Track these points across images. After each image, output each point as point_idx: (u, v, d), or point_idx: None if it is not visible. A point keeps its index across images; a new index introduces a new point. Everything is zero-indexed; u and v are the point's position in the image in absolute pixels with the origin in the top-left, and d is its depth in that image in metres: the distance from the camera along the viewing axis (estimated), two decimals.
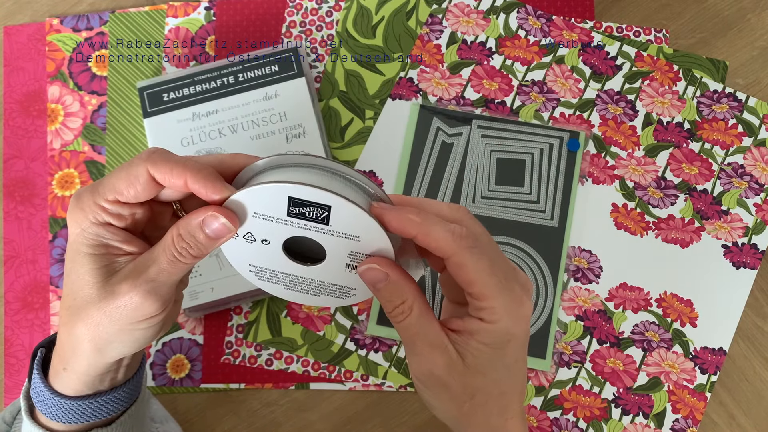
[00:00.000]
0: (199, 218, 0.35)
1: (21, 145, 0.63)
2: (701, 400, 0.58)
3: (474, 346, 0.36)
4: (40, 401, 0.40)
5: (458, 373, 0.35)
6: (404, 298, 0.36)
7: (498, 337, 0.35)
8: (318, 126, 0.61)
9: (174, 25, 0.65)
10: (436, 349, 0.36)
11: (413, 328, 0.36)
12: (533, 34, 0.64)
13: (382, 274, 0.36)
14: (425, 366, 0.36)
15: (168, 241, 0.35)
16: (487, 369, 0.36)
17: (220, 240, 0.36)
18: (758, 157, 0.62)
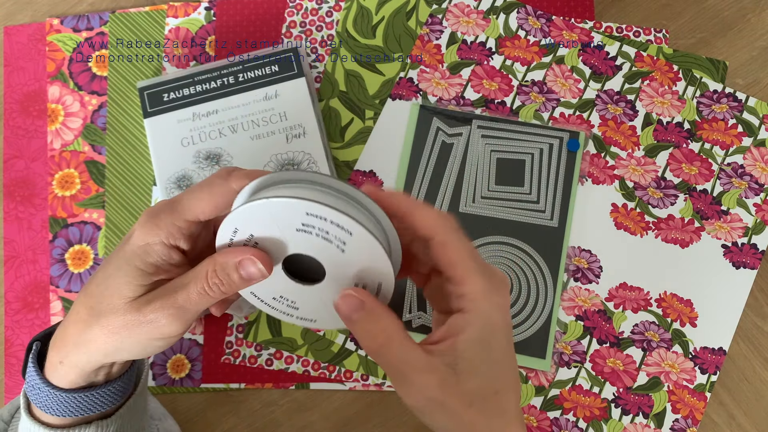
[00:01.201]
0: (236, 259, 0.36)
1: (21, 145, 0.63)
2: (701, 400, 0.58)
3: (461, 346, 0.35)
4: (35, 395, 0.40)
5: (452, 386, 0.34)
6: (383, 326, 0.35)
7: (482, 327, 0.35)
8: (318, 126, 0.61)
9: (174, 25, 0.65)
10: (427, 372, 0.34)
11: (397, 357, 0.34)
12: (533, 34, 0.64)
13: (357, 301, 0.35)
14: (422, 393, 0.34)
15: (201, 273, 0.36)
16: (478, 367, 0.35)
17: (251, 282, 0.36)
18: (758, 157, 0.62)
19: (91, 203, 0.62)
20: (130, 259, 0.37)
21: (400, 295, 0.59)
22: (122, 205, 0.62)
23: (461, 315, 0.35)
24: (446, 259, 0.35)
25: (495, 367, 0.36)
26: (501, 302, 0.36)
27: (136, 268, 0.37)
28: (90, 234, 0.61)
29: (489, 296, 0.35)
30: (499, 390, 0.36)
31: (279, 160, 0.60)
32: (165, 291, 0.37)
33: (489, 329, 0.35)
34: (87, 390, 0.40)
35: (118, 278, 0.37)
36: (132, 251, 0.37)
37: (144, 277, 0.37)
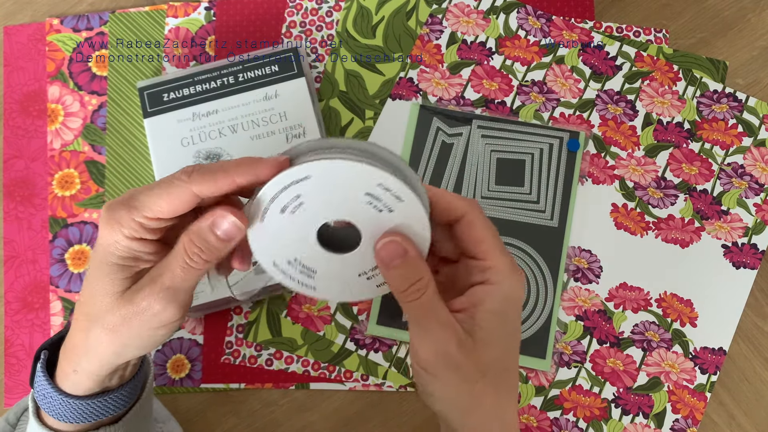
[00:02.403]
0: (207, 221, 0.35)
1: (21, 145, 0.63)
2: (701, 400, 0.58)
3: (481, 316, 0.36)
4: (47, 403, 0.40)
5: (469, 351, 0.35)
6: (422, 274, 0.36)
7: (502, 300, 0.36)
8: (318, 126, 0.61)
9: (174, 25, 0.65)
10: (448, 328, 0.35)
11: (425, 306, 0.36)
12: (533, 34, 0.64)
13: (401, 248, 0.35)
14: (439, 345, 0.35)
15: (180, 247, 0.36)
16: (494, 339, 0.36)
17: (232, 241, 0.36)
18: (758, 157, 0.62)
19: (91, 203, 0.62)
20: (104, 259, 0.36)
21: None
22: None
23: (483, 287, 0.36)
24: (473, 237, 0.36)
25: (509, 341, 0.37)
26: (520, 279, 0.37)
27: (112, 264, 0.36)
28: (90, 234, 0.61)
29: (511, 272, 0.36)
30: (509, 368, 0.37)
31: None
32: (150, 277, 0.37)
33: (509, 302, 0.36)
34: (101, 395, 0.40)
35: (99, 279, 0.37)
36: (104, 251, 0.36)
37: (123, 271, 0.37)
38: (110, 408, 0.41)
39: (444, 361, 0.35)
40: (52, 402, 0.40)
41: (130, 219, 0.35)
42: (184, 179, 0.35)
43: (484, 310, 0.36)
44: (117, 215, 0.36)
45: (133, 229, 0.36)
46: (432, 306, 0.36)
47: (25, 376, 0.59)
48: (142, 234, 0.36)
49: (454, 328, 0.35)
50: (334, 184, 0.34)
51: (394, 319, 0.58)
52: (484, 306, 0.36)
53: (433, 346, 0.35)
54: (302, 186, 0.35)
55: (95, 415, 0.41)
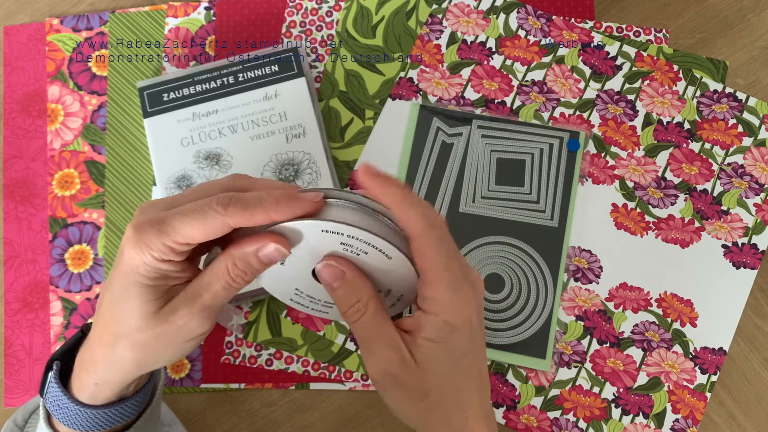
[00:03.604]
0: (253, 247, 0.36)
1: (21, 145, 0.63)
2: (701, 400, 0.58)
3: (420, 342, 0.37)
4: (61, 412, 0.40)
5: (411, 371, 0.36)
6: (359, 296, 0.37)
7: (439, 330, 0.36)
8: (318, 126, 0.61)
9: (174, 25, 0.65)
10: (391, 348, 0.37)
11: (368, 327, 0.37)
12: (533, 34, 0.64)
13: (338, 271, 0.37)
14: (381, 365, 0.36)
15: (222, 269, 0.36)
16: (434, 365, 0.36)
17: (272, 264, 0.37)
18: (758, 157, 0.62)
19: (91, 203, 0.62)
20: (133, 280, 0.36)
21: None
22: (122, 205, 0.62)
23: (425, 315, 0.37)
24: (420, 263, 0.36)
25: (454, 367, 0.37)
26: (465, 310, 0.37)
27: (142, 285, 0.36)
28: (90, 234, 0.61)
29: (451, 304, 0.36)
30: (461, 388, 0.37)
31: (279, 160, 0.60)
32: (188, 297, 0.37)
33: (447, 332, 0.36)
34: (118, 403, 0.40)
35: (129, 300, 0.37)
36: (131, 271, 0.36)
37: (153, 292, 0.37)
38: (125, 414, 0.41)
39: (389, 380, 0.37)
40: (68, 412, 0.40)
41: (160, 243, 0.35)
42: (220, 211, 0.35)
43: (424, 337, 0.36)
44: (146, 238, 0.35)
45: (162, 252, 0.35)
46: (374, 326, 0.37)
47: (25, 376, 0.59)
48: (171, 257, 0.36)
49: (398, 349, 0.36)
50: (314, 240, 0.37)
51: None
52: (423, 333, 0.37)
53: (377, 365, 0.37)
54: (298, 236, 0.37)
55: (111, 422, 0.41)
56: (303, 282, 0.40)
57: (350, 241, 0.36)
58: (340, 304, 0.37)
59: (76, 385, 0.40)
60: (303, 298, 0.42)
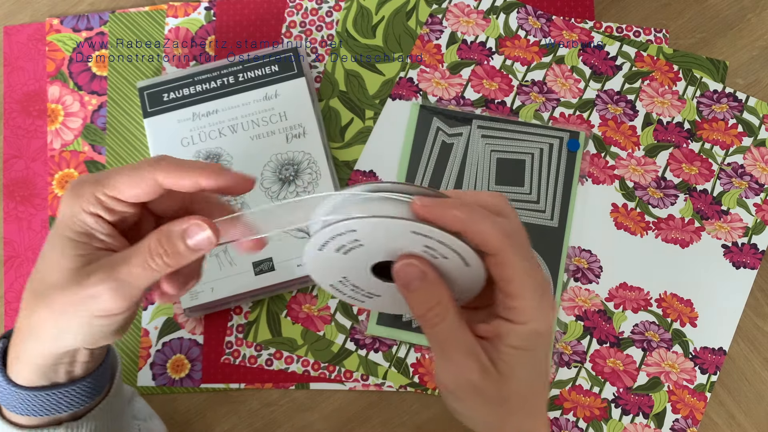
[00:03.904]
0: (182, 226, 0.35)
1: (21, 145, 0.63)
2: (701, 400, 0.58)
3: (504, 350, 0.35)
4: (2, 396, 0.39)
5: (492, 379, 0.35)
6: (439, 299, 0.35)
7: (527, 338, 0.35)
8: (318, 126, 0.61)
9: (174, 25, 0.65)
10: (470, 356, 0.35)
11: (446, 332, 0.35)
12: (533, 34, 0.64)
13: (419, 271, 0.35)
14: (460, 373, 0.35)
15: (145, 244, 0.35)
16: (518, 372, 0.35)
17: (198, 253, 0.35)
18: (758, 157, 0.62)
19: None
20: (61, 233, 0.36)
21: None
22: None
23: (509, 324, 0.35)
24: (503, 275, 0.35)
25: (533, 374, 0.36)
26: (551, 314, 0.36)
27: (67, 238, 0.36)
28: None
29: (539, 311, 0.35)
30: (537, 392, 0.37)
31: (279, 160, 0.60)
32: (106, 263, 0.36)
33: (536, 340, 0.35)
34: (48, 389, 0.39)
35: (53, 253, 0.36)
36: (60, 224, 0.36)
37: (77, 247, 0.36)
38: (63, 403, 0.39)
39: (467, 388, 0.35)
40: (3, 392, 0.39)
41: (91, 194, 0.36)
42: (152, 164, 0.35)
43: (508, 344, 0.35)
44: (81, 189, 0.36)
45: (92, 204, 0.36)
46: (452, 332, 0.35)
47: None
48: (101, 211, 0.36)
49: (477, 356, 0.35)
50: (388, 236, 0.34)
51: (394, 319, 0.58)
52: (508, 341, 0.35)
53: (455, 373, 0.35)
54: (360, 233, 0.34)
55: (47, 409, 0.39)
56: (355, 273, 0.38)
57: (435, 245, 0.34)
58: (418, 306, 0.35)
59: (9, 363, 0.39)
60: (346, 286, 0.40)
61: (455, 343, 0.35)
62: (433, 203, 0.33)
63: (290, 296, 0.60)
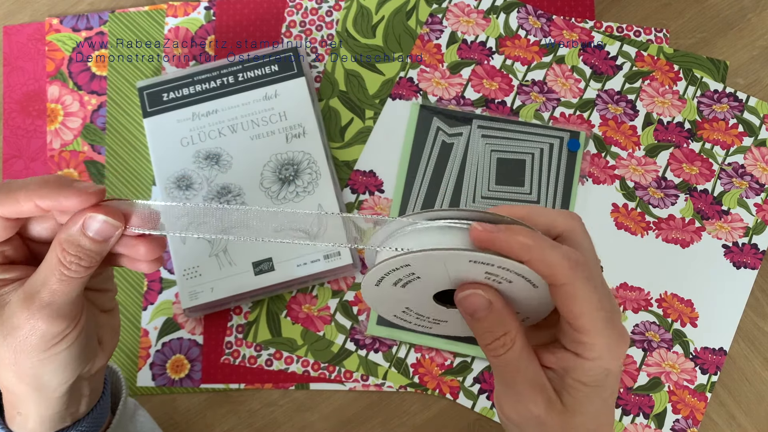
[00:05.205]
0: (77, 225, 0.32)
1: (21, 145, 0.63)
2: (702, 400, 0.58)
3: (570, 384, 0.34)
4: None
5: (557, 413, 0.33)
6: (507, 329, 0.33)
7: (596, 374, 0.33)
8: (318, 126, 0.61)
9: (174, 24, 0.65)
10: (536, 388, 0.33)
11: (513, 363, 0.33)
12: (533, 34, 0.64)
13: (485, 301, 0.33)
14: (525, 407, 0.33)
15: (53, 259, 0.32)
16: (585, 407, 0.33)
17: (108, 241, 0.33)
18: (759, 157, 0.62)
19: None
20: None
21: None
22: None
23: (577, 358, 0.33)
24: (570, 309, 0.32)
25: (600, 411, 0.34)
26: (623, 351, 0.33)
27: None
28: None
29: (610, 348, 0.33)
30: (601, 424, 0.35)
31: (279, 160, 0.60)
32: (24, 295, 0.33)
33: (603, 379, 0.33)
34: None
35: None
36: None
37: None
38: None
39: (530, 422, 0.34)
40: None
41: None
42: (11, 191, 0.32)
43: (576, 379, 0.33)
44: None
45: None
46: (519, 363, 0.33)
47: None
48: None
49: (543, 389, 0.33)
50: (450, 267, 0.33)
51: None
52: (575, 375, 0.33)
53: (520, 407, 0.34)
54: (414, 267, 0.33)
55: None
56: (417, 303, 0.37)
57: (497, 271, 0.33)
58: (484, 337, 0.33)
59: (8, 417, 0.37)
60: (410, 315, 0.39)
61: (522, 375, 0.33)
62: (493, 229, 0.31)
63: (290, 296, 0.60)
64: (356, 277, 0.60)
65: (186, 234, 0.33)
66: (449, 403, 0.58)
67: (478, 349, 0.58)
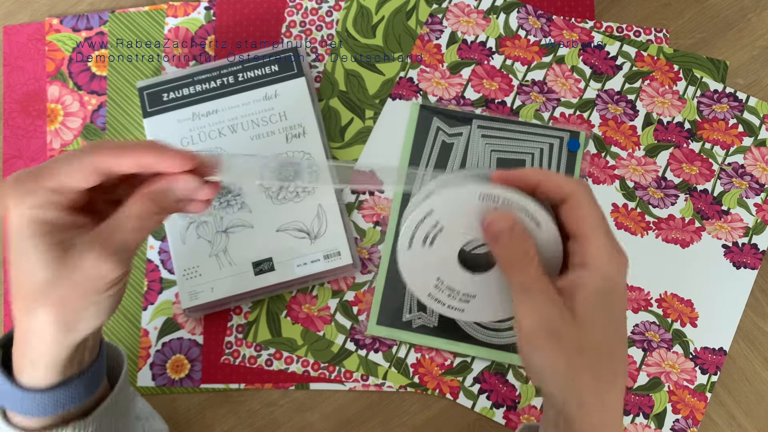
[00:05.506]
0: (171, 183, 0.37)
1: (21, 145, 0.63)
2: (701, 400, 0.58)
3: (580, 297, 0.36)
4: (9, 401, 0.39)
5: (569, 324, 0.36)
6: (527, 248, 0.37)
7: (601, 282, 0.36)
8: (318, 126, 0.61)
9: (174, 24, 0.65)
10: (552, 300, 0.36)
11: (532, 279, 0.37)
12: (533, 34, 0.64)
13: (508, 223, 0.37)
14: (541, 315, 0.36)
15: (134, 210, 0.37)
16: (594, 320, 0.36)
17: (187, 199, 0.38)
18: (758, 157, 0.62)
19: None
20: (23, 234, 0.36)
21: (400, 296, 0.59)
22: None
23: (583, 270, 0.36)
24: (577, 215, 0.37)
25: (611, 327, 0.36)
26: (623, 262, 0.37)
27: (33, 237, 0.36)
28: None
29: (611, 255, 0.36)
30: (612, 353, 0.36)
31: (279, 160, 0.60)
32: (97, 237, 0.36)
33: (610, 286, 0.36)
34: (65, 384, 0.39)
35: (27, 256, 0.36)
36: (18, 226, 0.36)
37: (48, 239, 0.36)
38: (75, 396, 0.39)
39: (545, 331, 0.36)
40: (15, 398, 0.39)
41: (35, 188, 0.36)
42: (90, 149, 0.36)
43: (584, 290, 0.36)
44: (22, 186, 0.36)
45: (39, 197, 0.36)
46: (537, 279, 0.37)
47: None
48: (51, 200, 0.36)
49: (557, 302, 0.36)
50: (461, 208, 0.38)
51: (394, 319, 0.58)
52: (584, 287, 0.36)
53: (537, 314, 0.36)
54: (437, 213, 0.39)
55: (60, 405, 0.39)
56: (445, 269, 0.41)
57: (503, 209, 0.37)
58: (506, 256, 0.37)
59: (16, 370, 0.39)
60: (442, 291, 0.42)
61: (540, 288, 0.36)
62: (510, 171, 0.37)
63: (290, 296, 0.60)
64: (356, 277, 0.60)
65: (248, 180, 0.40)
66: (449, 403, 0.59)
67: (478, 349, 0.58)
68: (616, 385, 0.37)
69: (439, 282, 0.42)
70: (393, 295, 0.59)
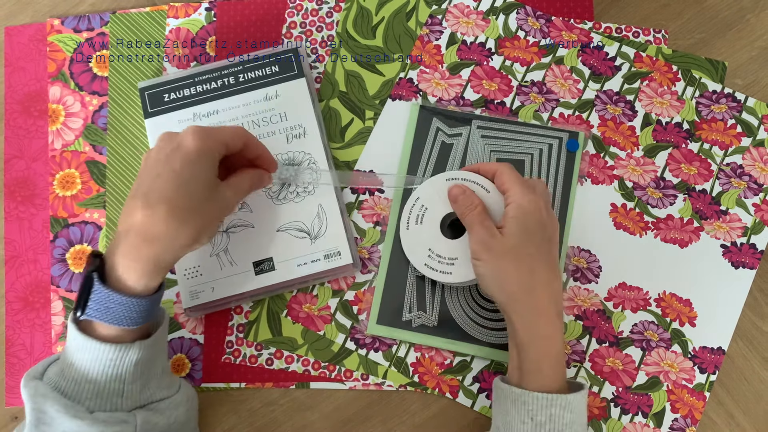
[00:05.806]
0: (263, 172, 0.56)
1: (22, 146, 0.63)
2: (700, 399, 0.58)
3: (504, 221, 0.53)
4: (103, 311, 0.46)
5: (497, 239, 0.52)
6: (474, 201, 0.55)
7: (516, 209, 0.52)
8: (318, 126, 0.61)
9: (175, 25, 0.65)
10: (486, 228, 0.53)
11: (476, 217, 0.54)
12: (533, 35, 0.64)
13: (460, 189, 0.56)
14: (480, 237, 0.52)
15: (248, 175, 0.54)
16: (513, 233, 0.52)
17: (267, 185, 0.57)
18: (757, 157, 0.62)
19: (92, 203, 0.62)
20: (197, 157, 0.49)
21: (399, 296, 0.59)
22: (123, 205, 0.62)
23: (508, 207, 0.53)
24: (501, 181, 0.55)
25: (526, 236, 0.52)
26: (533, 199, 0.53)
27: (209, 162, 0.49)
28: (91, 234, 0.62)
29: (524, 194, 0.53)
30: (532, 253, 0.52)
31: (279, 160, 0.60)
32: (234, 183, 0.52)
33: (523, 211, 0.52)
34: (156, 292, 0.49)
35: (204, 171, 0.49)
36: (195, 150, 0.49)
37: (214, 169, 0.50)
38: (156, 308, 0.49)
39: (481, 246, 0.52)
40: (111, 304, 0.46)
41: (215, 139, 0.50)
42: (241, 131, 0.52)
43: (506, 216, 0.53)
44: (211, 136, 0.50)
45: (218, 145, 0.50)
46: (479, 216, 0.54)
47: None
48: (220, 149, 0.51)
49: (491, 228, 0.53)
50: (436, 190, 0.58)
51: (394, 318, 0.59)
52: (506, 214, 0.53)
53: (477, 237, 0.53)
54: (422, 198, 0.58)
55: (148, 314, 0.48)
56: (434, 240, 0.57)
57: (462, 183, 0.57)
58: (462, 207, 0.55)
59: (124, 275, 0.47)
60: (433, 259, 0.57)
61: (480, 222, 0.53)
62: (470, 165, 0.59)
63: (290, 296, 0.60)
64: (356, 276, 0.60)
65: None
66: (449, 402, 0.59)
67: (477, 349, 0.58)
68: (536, 276, 0.51)
69: (431, 252, 0.57)
70: (393, 294, 0.59)
